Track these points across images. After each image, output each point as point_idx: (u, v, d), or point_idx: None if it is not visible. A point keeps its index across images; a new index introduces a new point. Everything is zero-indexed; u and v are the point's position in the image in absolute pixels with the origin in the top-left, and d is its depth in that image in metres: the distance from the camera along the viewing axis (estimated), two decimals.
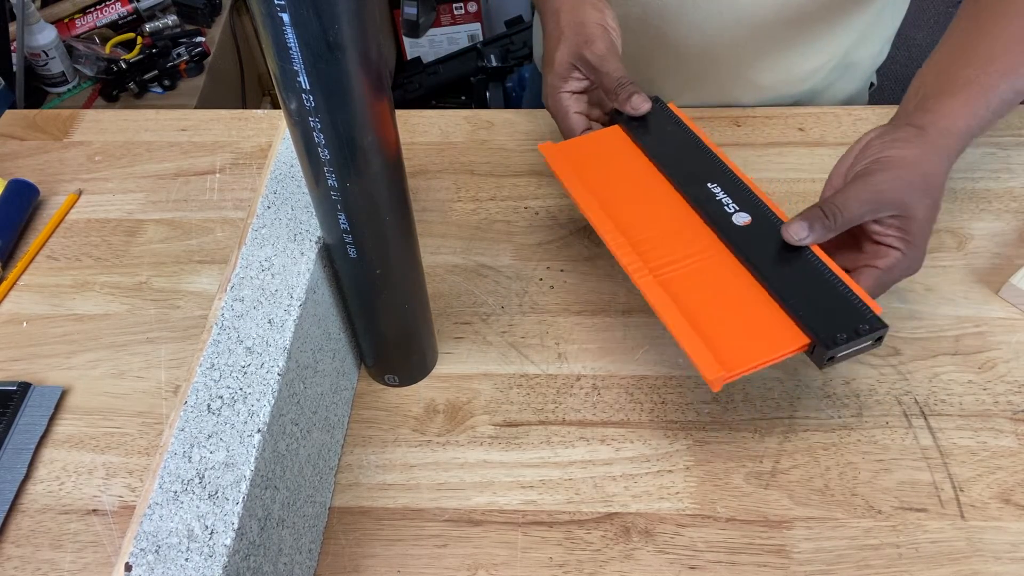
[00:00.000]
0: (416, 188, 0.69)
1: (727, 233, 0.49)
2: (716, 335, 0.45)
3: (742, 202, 0.51)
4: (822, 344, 0.43)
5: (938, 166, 0.49)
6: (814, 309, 0.45)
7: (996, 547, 0.47)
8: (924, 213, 0.48)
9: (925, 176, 0.48)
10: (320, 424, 0.48)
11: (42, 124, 0.77)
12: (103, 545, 0.49)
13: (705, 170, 0.53)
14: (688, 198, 0.52)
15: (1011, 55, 0.51)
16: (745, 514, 0.49)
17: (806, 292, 0.46)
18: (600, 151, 0.57)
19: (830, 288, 0.46)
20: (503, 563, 0.47)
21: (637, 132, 0.57)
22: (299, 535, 0.44)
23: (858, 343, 0.44)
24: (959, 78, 0.51)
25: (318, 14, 0.33)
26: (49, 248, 0.66)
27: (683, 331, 0.45)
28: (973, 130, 0.50)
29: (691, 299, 0.47)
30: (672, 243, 0.51)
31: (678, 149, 0.55)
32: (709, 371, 0.43)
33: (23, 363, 0.58)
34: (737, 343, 0.45)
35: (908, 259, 0.49)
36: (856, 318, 0.44)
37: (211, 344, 0.42)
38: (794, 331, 0.45)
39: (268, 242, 0.48)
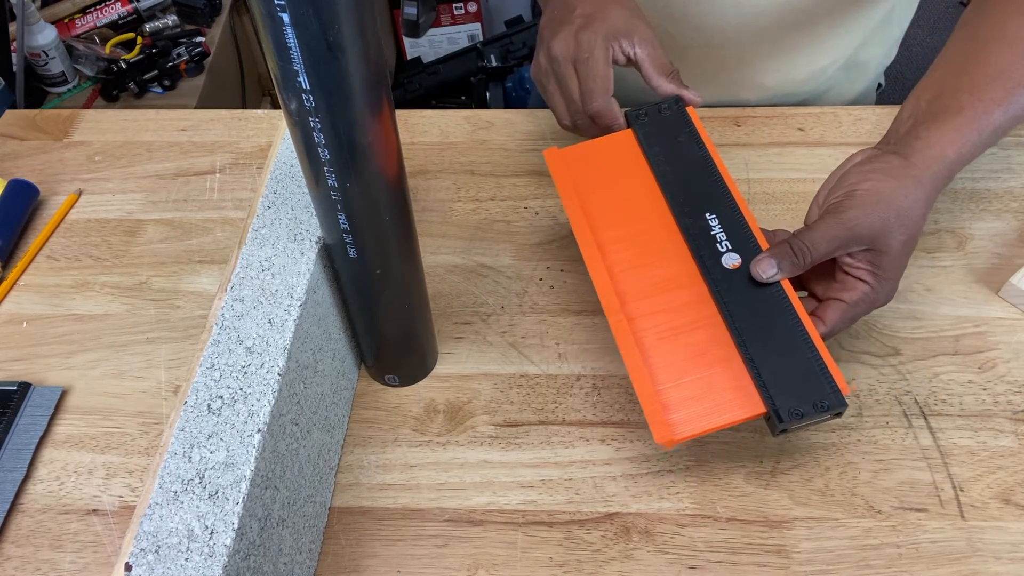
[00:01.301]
0: (416, 188, 0.69)
1: (713, 275, 0.48)
2: (674, 395, 0.45)
3: (736, 240, 0.49)
4: (776, 417, 0.43)
5: (918, 198, 0.47)
6: (778, 376, 0.44)
7: (996, 547, 0.47)
8: (897, 248, 0.47)
9: (900, 210, 0.47)
10: (320, 424, 0.48)
11: (42, 124, 0.77)
12: (103, 545, 0.49)
13: (706, 197, 0.51)
14: (682, 228, 0.50)
15: (1006, 82, 0.50)
16: (745, 514, 0.49)
17: (775, 355, 0.45)
18: (605, 161, 0.55)
19: (800, 355, 0.44)
20: (503, 563, 0.47)
21: (648, 139, 0.55)
22: (299, 535, 0.44)
23: (814, 418, 0.43)
24: (952, 105, 0.50)
25: (318, 14, 0.33)
26: (49, 248, 0.66)
27: (644, 387, 0.45)
28: (964, 158, 0.49)
29: (659, 348, 0.47)
30: (654, 281, 0.49)
31: (685, 167, 0.53)
32: (659, 434, 0.43)
33: (23, 363, 0.58)
34: (693, 406, 0.44)
35: (876, 293, 0.48)
36: (817, 393, 0.43)
37: (211, 344, 0.42)
38: (753, 398, 0.44)
39: (268, 242, 0.48)
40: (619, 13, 0.57)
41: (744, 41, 0.70)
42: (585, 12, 0.57)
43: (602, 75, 0.55)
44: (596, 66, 0.55)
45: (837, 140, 0.71)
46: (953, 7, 2.34)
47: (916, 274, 0.61)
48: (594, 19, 0.56)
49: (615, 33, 0.56)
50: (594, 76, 0.54)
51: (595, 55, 0.55)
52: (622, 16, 0.56)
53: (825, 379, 0.43)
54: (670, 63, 0.56)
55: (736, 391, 0.44)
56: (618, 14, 0.56)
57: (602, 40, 0.55)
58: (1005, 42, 0.51)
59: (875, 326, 0.57)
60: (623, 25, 0.56)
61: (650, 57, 0.56)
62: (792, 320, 0.45)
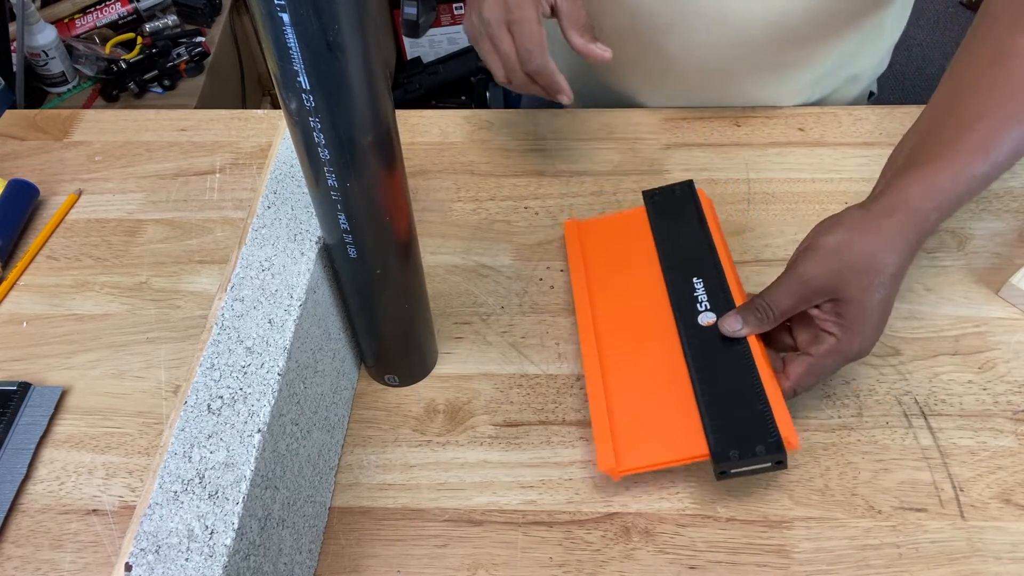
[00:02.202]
0: (416, 188, 0.69)
1: (686, 329, 0.52)
2: (626, 430, 0.49)
3: (715, 302, 0.52)
4: (714, 458, 0.45)
5: (881, 246, 0.46)
6: (727, 424, 0.46)
7: (996, 547, 0.47)
8: (860, 297, 0.46)
9: (858, 260, 0.46)
10: (320, 424, 0.48)
11: (42, 124, 0.77)
12: (103, 545, 0.49)
13: (697, 265, 0.55)
14: (669, 290, 0.55)
15: (983, 130, 0.48)
16: (745, 514, 0.49)
17: (728, 403, 0.47)
18: (615, 231, 0.61)
19: (752, 407, 0.47)
20: (503, 563, 0.47)
21: (656, 214, 0.60)
22: (299, 535, 0.44)
23: (753, 463, 0.45)
24: (927, 154, 0.49)
25: (318, 14, 0.33)
26: (49, 248, 0.66)
27: (599, 421, 0.50)
28: (942, 207, 0.47)
29: (621, 388, 0.51)
30: (632, 330, 0.54)
31: (683, 238, 0.57)
32: (603, 463, 0.48)
33: (23, 363, 0.58)
34: (642, 444, 0.48)
35: (844, 344, 0.47)
36: (759, 442, 0.45)
37: (211, 344, 0.42)
38: (699, 441, 0.47)
39: (268, 242, 0.48)
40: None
41: (732, 57, 0.70)
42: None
43: (536, 36, 0.56)
44: (530, 28, 0.56)
45: (837, 140, 0.71)
46: (953, 7, 2.34)
47: (916, 274, 0.61)
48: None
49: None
50: (529, 37, 0.56)
51: (527, 16, 0.56)
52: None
53: (770, 430, 0.45)
54: (587, 18, 0.59)
55: (685, 434, 0.47)
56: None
57: (530, 0, 0.57)
58: (983, 92, 0.49)
59: None
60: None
61: (568, 12, 0.58)
62: (751, 375, 0.48)
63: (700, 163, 0.70)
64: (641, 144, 0.72)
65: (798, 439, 0.46)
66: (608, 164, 0.70)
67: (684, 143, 0.71)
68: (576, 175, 0.69)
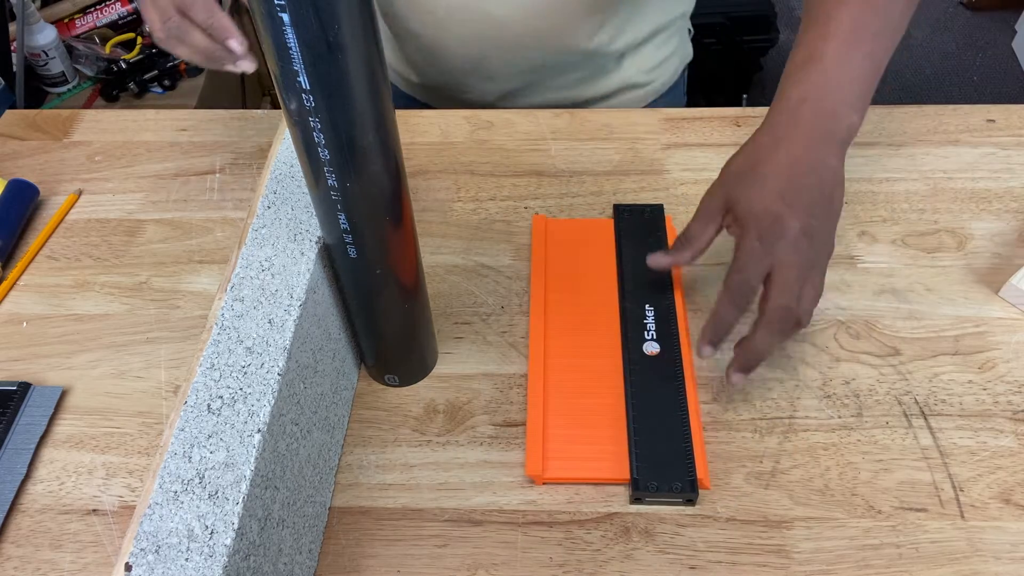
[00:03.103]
0: (416, 188, 0.69)
1: (630, 355, 0.54)
2: (558, 440, 0.51)
3: (661, 332, 0.55)
4: (633, 485, 0.48)
5: (761, 145, 0.51)
6: (650, 453, 0.49)
7: (996, 547, 0.47)
8: (747, 193, 0.50)
9: (742, 160, 0.52)
10: (320, 424, 0.48)
11: (42, 124, 0.77)
12: (103, 545, 0.49)
13: (652, 291, 0.58)
14: (622, 311, 0.57)
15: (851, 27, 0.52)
16: (745, 514, 0.49)
17: (656, 435, 0.50)
18: (581, 238, 0.63)
19: (676, 440, 0.50)
20: (503, 563, 0.47)
21: (623, 232, 0.62)
22: (299, 535, 0.44)
23: (667, 496, 0.48)
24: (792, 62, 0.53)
25: (318, 14, 0.33)
26: (49, 248, 0.66)
27: (534, 425, 0.51)
28: (807, 94, 0.51)
29: (561, 394, 0.53)
30: (580, 345, 0.56)
31: (644, 263, 0.57)
32: (531, 468, 0.50)
33: (23, 363, 0.58)
34: (570, 456, 0.50)
35: (749, 247, 0.49)
36: (676, 477, 0.48)
37: (211, 344, 0.42)
38: (623, 464, 0.50)
39: (268, 242, 0.48)
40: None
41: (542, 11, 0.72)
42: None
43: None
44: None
45: None
46: (953, 7, 2.34)
47: (916, 274, 0.61)
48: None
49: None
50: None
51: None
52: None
53: (688, 467, 0.49)
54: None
55: (611, 454, 0.50)
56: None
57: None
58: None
59: (875, 326, 0.57)
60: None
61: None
62: (681, 411, 0.51)
63: (700, 163, 0.70)
64: (641, 144, 0.72)
65: (709, 481, 0.49)
66: (608, 164, 0.70)
67: (684, 143, 0.71)
68: (576, 175, 0.69)
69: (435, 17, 0.74)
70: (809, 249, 0.48)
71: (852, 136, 0.51)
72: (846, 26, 0.51)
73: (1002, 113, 0.72)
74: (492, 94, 0.81)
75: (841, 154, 0.50)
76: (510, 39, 0.74)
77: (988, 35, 2.28)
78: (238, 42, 0.54)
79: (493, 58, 0.77)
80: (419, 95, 0.88)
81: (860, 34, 0.51)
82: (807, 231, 0.48)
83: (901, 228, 0.64)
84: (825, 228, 0.49)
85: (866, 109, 0.51)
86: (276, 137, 0.54)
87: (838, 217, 0.50)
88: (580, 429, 0.52)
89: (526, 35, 0.73)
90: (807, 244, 0.48)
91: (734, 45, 1.91)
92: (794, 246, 0.48)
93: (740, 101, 2.03)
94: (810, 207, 0.48)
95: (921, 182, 0.67)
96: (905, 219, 0.64)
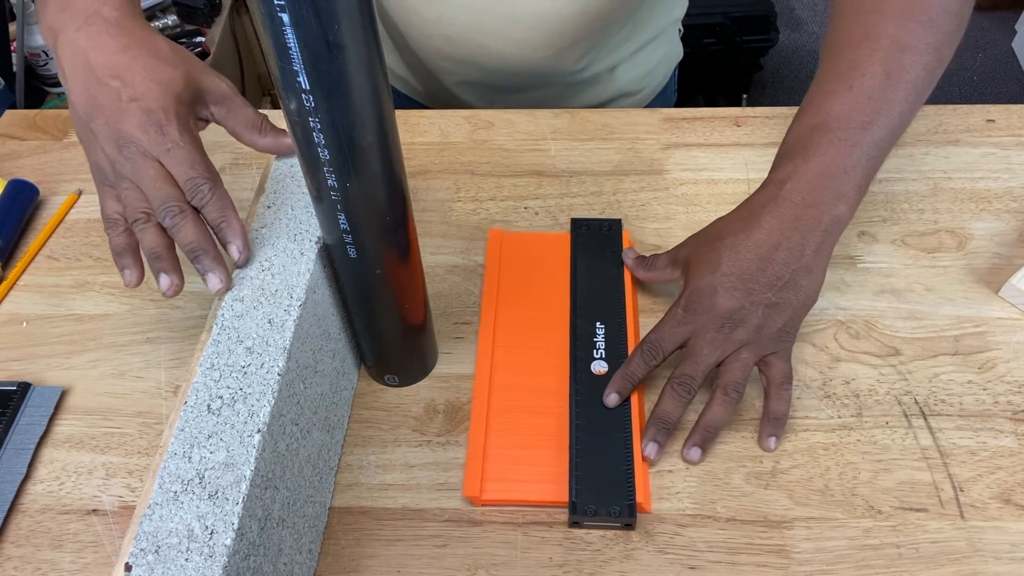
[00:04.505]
0: (416, 188, 0.69)
1: (578, 375, 0.53)
2: (498, 461, 0.50)
3: (611, 352, 0.54)
4: (571, 509, 0.47)
5: (743, 212, 0.52)
6: (590, 476, 0.48)
7: (996, 547, 0.47)
8: (698, 263, 0.51)
9: (721, 225, 0.52)
10: (320, 424, 0.48)
11: (42, 124, 0.77)
12: (103, 545, 0.49)
13: (603, 309, 0.57)
14: (572, 328, 0.56)
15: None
16: (745, 514, 0.49)
17: (597, 458, 0.49)
18: (536, 252, 0.62)
19: (618, 463, 0.49)
20: (503, 563, 0.47)
21: (579, 247, 0.61)
22: (299, 535, 0.44)
23: (605, 521, 0.47)
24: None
25: (318, 14, 0.33)
26: (49, 248, 0.66)
27: (475, 445, 0.51)
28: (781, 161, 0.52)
29: (504, 413, 0.52)
30: (528, 363, 0.55)
31: (598, 279, 0.58)
32: (469, 490, 0.49)
33: (23, 363, 0.58)
34: (509, 478, 0.50)
35: (674, 312, 0.51)
36: (615, 501, 0.47)
37: (211, 344, 0.42)
38: (562, 487, 0.49)
39: (268, 242, 0.48)
40: (171, 76, 0.47)
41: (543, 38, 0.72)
42: (133, 93, 0.45)
43: (203, 159, 0.46)
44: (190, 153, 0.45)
45: None
46: None
47: (916, 274, 0.61)
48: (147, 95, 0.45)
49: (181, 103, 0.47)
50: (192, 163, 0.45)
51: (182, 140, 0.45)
52: (177, 77, 0.47)
53: (628, 491, 0.48)
54: (253, 112, 0.51)
55: (552, 476, 0.49)
56: (171, 77, 0.47)
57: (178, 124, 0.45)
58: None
59: (875, 326, 0.57)
60: (184, 88, 0.47)
61: (236, 115, 0.50)
62: (624, 434, 0.50)
63: (700, 163, 0.70)
64: (641, 144, 0.72)
65: (651, 505, 0.49)
66: (608, 164, 0.70)
67: (684, 143, 0.71)
68: (576, 175, 0.69)
69: (432, 43, 0.75)
70: (738, 331, 0.50)
71: (839, 226, 0.50)
72: (858, 102, 0.50)
73: (1002, 113, 0.72)
74: (484, 103, 0.82)
75: (823, 243, 0.50)
76: (505, 66, 0.75)
77: (988, 35, 2.28)
78: (238, 247, 0.45)
79: (488, 80, 0.78)
80: (418, 97, 0.88)
81: (872, 112, 0.50)
82: (737, 315, 0.49)
83: (901, 228, 0.64)
84: (773, 315, 0.50)
85: (859, 200, 0.51)
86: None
87: (803, 306, 0.51)
88: (522, 450, 0.51)
89: (521, 63, 0.74)
90: (732, 327, 0.50)
91: (734, 45, 1.91)
92: (718, 324, 0.50)
93: (740, 101, 2.03)
94: (754, 292, 0.49)
95: (921, 182, 0.67)
96: (905, 219, 0.64)
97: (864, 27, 0.51)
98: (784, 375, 0.51)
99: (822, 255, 0.50)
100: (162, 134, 0.44)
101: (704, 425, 0.50)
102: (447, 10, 0.70)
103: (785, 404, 0.51)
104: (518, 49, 0.72)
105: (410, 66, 0.83)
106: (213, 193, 0.45)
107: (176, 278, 0.45)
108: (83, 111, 0.46)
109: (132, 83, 0.45)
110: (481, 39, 0.72)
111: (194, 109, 0.48)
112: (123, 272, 0.46)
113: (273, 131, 0.51)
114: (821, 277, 0.51)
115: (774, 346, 0.51)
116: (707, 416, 0.50)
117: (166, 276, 0.45)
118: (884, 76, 0.50)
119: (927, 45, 0.50)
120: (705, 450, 0.50)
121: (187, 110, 0.47)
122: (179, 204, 0.44)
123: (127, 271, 0.46)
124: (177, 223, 0.44)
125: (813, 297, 0.51)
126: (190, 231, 0.44)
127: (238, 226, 0.45)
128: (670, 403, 0.50)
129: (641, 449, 0.50)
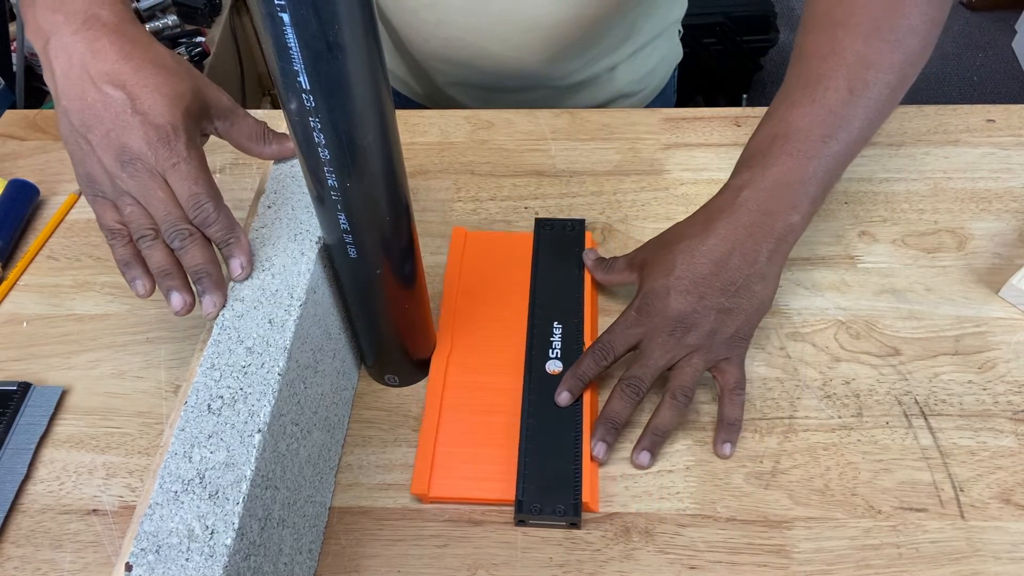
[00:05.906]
0: (416, 188, 0.69)
1: (532, 374, 0.53)
2: (447, 458, 0.50)
3: (566, 352, 0.54)
4: (516, 507, 0.47)
5: (699, 217, 0.52)
6: (538, 474, 0.49)
7: (996, 547, 0.47)
8: (652, 265, 0.52)
9: (679, 229, 0.53)
10: (320, 424, 0.48)
11: (42, 124, 0.77)
12: (103, 545, 0.49)
13: (562, 310, 0.57)
14: (529, 328, 0.56)
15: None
16: (745, 514, 0.49)
17: (546, 456, 0.49)
18: (498, 251, 0.62)
19: (566, 461, 0.49)
20: (503, 563, 0.47)
21: (542, 246, 0.61)
22: (299, 535, 0.44)
23: (550, 519, 0.48)
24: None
25: (318, 14, 0.33)
26: (49, 248, 0.66)
27: (425, 442, 0.51)
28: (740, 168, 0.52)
29: (455, 415, 0.52)
30: (483, 362, 0.55)
31: (558, 279, 0.58)
32: (417, 487, 0.49)
33: (23, 363, 0.58)
34: (457, 474, 0.50)
35: (626, 315, 0.51)
36: (561, 500, 0.48)
37: (211, 344, 0.42)
38: (510, 485, 0.49)
39: (268, 242, 0.48)
40: (179, 90, 0.45)
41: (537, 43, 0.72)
42: (139, 106, 0.44)
43: (206, 176, 0.45)
44: (195, 169, 0.44)
45: None
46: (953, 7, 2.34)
47: (916, 274, 0.61)
48: (154, 109, 0.44)
49: (189, 118, 0.45)
50: (195, 179, 0.44)
51: (189, 155, 0.44)
52: (186, 91, 0.46)
53: (574, 490, 0.48)
54: (255, 122, 0.51)
55: (500, 474, 0.50)
56: (179, 92, 0.45)
57: (186, 140, 0.44)
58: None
59: (875, 326, 0.57)
60: (192, 102, 0.46)
61: (239, 128, 0.50)
62: (575, 433, 0.50)
63: (700, 163, 0.70)
64: (641, 144, 0.72)
65: (598, 504, 0.49)
66: (608, 164, 0.70)
67: (684, 143, 0.71)
68: (576, 175, 0.69)
69: (430, 46, 0.75)
70: (690, 335, 0.50)
71: (793, 235, 0.51)
72: (819, 115, 0.50)
73: (1002, 113, 0.72)
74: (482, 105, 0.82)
75: (776, 250, 0.50)
76: (503, 69, 0.75)
77: (988, 35, 2.28)
78: (242, 263, 0.45)
79: (486, 82, 0.78)
80: (417, 98, 0.88)
81: (832, 126, 0.50)
82: (690, 318, 0.50)
83: (901, 228, 0.64)
84: (726, 321, 0.50)
85: (814, 211, 0.51)
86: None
87: (756, 312, 0.51)
88: (471, 448, 0.51)
89: (519, 66, 0.74)
90: (684, 330, 0.50)
91: (734, 45, 1.91)
92: (669, 327, 0.50)
93: (740, 101, 2.03)
94: (707, 296, 0.50)
95: (921, 182, 0.67)
96: (905, 219, 0.64)
97: (832, 41, 0.52)
98: (736, 380, 0.51)
99: (775, 262, 0.50)
100: (170, 149, 0.44)
101: (652, 429, 0.50)
102: (445, 14, 0.70)
103: (739, 409, 0.51)
104: (516, 52, 0.72)
105: (409, 68, 0.83)
106: (219, 212, 0.45)
107: (188, 296, 0.45)
108: (77, 119, 0.44)
109: (138, 95, 0.44)
110: (479, 42, 0.72)
111: (200, 124, 0.48)
112: (133, 283, 0.46)
113: (276, 138, 0.52)
114: (775, 284, 0.51)
115: (727, 352, 0.51)
116: (655, 420, 0.50)
117: (178, 295, 0.45)
118: (848, 92, 0.50)
119: (892, 64, 0.51)
120: (654, 454, 0.50)
121: (194, 125, 0.46)
122: (188, 227, 0.44)
123: (138, 282, 0.46)
124: (186, 246, 0.44)
125: (767, 303, 0.51)
126: (197, 254, 0.44)
127: (245, 244, 0.46)
128: (619, 404, 0.50)
129: (590, 449, 0.50)
